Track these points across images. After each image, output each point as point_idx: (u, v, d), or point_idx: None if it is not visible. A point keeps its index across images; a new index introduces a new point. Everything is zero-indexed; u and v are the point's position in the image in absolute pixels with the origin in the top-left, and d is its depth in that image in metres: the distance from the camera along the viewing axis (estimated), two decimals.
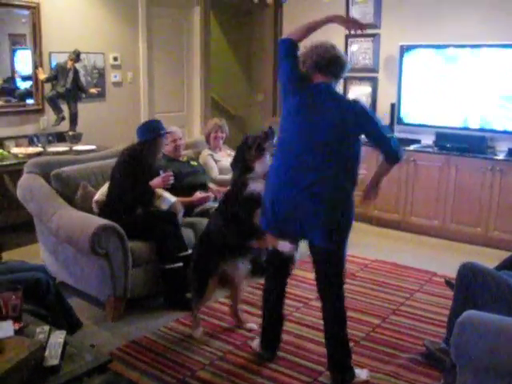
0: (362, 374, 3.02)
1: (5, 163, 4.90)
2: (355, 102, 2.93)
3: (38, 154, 5.05)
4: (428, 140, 5.68)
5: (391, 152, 2.97)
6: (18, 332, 2.21)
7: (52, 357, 2.06)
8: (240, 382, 3.00)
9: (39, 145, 5.43)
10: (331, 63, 2.93)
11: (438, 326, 3.61)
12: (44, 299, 2.80)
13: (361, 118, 2.83)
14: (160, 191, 4.29)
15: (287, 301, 3.92)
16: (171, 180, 4.05)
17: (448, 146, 5.42)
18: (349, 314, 3.75)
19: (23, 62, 5.65)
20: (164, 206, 4.14)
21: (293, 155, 2.83)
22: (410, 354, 3.28)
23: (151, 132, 3.95)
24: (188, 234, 4.07)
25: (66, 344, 2.15)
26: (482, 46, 5.28)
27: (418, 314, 3.83)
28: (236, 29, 8.24)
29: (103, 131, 5.91)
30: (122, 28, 6.27)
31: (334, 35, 6.40)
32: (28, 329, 2.30)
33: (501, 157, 5.17)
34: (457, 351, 2.23)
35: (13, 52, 5.62)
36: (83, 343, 2.32)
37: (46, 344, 2.12)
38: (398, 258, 4.86)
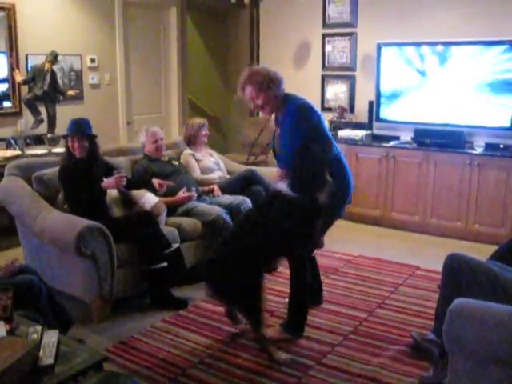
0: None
1: None
2: None
3: (17, 157, 4.98)
4: (407, 136, 5.74)
5: None
6: (9, 332, 2.19)
7: (47, 356, 2.04)
8: (231, 378, 2.99)
9: (17, 148, 5.36)
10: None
11: (424, 317, 3.65)
12: (37, 302, 2.76)
13: None
14: (142, 191, 4.28)
15: (275, 298, 3.97)
16: (124, 181, 3.90)
17: (427, 141, 5.49)
18: (336, 308, 3.83)
19: None
20: (147, 206, 4.13)
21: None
22: (398, 345, 3.31)
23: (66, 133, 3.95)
24: (172, 231, 4.08)
25: (59, 343, 2.13)
26: (457, 44, 5.37)
27: (404, 306, 3.87)
28: (213, 30, 8.24)
29: None
30: (98, 29, 6.22)
31: (312, 34, 6.50)
32: (19, 329, 2.27)
33: (478, 151, 5.26)
34: (448, 339, 2.27)
35: None
36: (77, 342, 2.29)
37: (40, 344, 2.10)
38: (380, 254, 4.91)
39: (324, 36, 6.43)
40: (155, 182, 4.24)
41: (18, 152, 5.22)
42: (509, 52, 5.09)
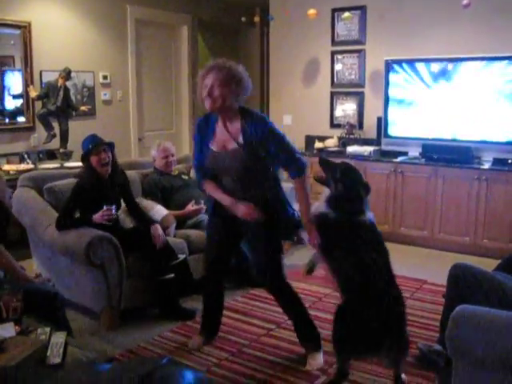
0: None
1: None
2: None
3: (29, 171, 5.06)
4: (415, 152, 5.77)
5: None
6: (19, 333, 2.24)
7: (54, 356, 2.08)
8: None
9: (30, 162, 5.45)
10: None
11: (430, 330, 3.65)
12: (56, 312, 2.82)
13: None
14: (152, 203, 4.34)
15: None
16: (112, 216, 3.76)
17: (435, 157, 5.52)
18: None
19: (12, 82, 5.70)
20: (157, 218, 4.18)
21: None
22: None
23: (83, 148, 3.83)
24: (180, 243, 4.15)
25: (67, 344, 2.17)
26: (465, 60, 5.42)
27: (411, 319, 3.82)
28: (223, 47, 8.35)
29: None
30: (111, 47, 6.35)
31: (321, 52, 6.58)
32: (28, 330, 2.31)
33: (486, 166, 5.27)
34: (451, 345, 2.28)
35: (1, 73, 5.67)
36: (87, 344, 2.34)
37: (48, 344, 2.14)
38: None
39: (333, 53, 6.51)
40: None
41: (30, 166, 5.31)
42: None
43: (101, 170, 3.79)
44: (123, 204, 4.07)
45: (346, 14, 6.21)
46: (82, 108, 5.95)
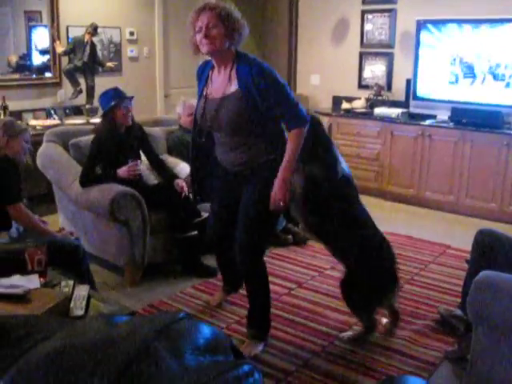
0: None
1: None
2: None
3: (55, 127, 5.10)
4: (444, 115, 5.66)
5: None
6: (43, 285, 2.28)
7: (77, 308, 2.13)
8: None
9: (56, 117, 5.48)
10: None
11: (452, 295, 3.63)
12: (80, 265, 2.88)
13: None
14: (177, 161, 4.34)
15: (303, 270, 4.01)
16: (137, 170, 3.81)
17: (463, 121, 5.40)
18: None
19: (39, 37, 5.69)
20: (181, 175, 4.19)
21: None
22: (424, 320, 3.32)
23: (105, 104, 3.82)
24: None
25: (89, 297, 2.21)
26: (499, 21, 5.24)
27: (432, 283, 3.86)
28: (251, 7, 8.18)
29: None
30: (138, 3, 6.28)
31: (351, 11, 6.43)
32: (52, 283, 2.36)
33: None
34: (472, 310, 2.27)
35: (29, 29, 5.66)
36: (109, 298, 2.38)
37: (71, 296, 2.18)
38: (412, 232, 4.88)
39: (363, 12, 6.36)
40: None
41: (57, 121, 5.34)
42: None
43: (125, 122, 3.82)
44: (146, 161, 4.09)
45: None
46: (109, 64, 5.93)
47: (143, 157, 4.10)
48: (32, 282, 2.22)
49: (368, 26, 6.37)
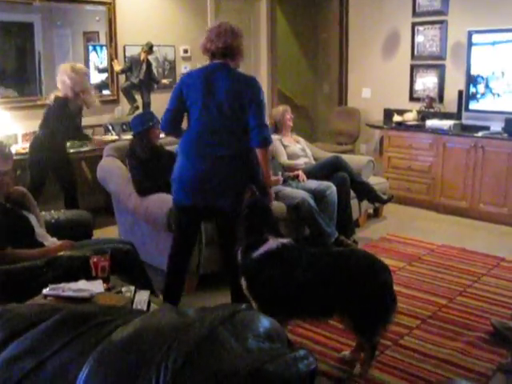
0: None
1: (83, 149, 5.19)
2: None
3: (113, 142, 5.31)
4: (497, 127, 5.59)
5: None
6: (106, 290, 2.41)
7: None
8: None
9: (114, 133, 5.71)
10: None
11: (505, 307, 3.60)
12: (131, 270, 3.00)
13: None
14: None
15: None
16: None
17: None
18: (415, 294, 3.83)
19: (98, 56, 5.95)
20: None
21: None
22: (476, 332, 3.30)
23: (141, 125, 4.02)
24: None
25: (150, 302, 2.33)
26: None
27: (486, 296, 3.83)
28: (302, 20, 8.33)
29: None
30: (191, 21, 6.48)
31: (401, 23, 6.46)
32: (116, 289, 2.49)
33: None
34: None
35: (87, 49, 5.93)
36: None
37: (133, 301, 2.30)
38: (465, 244, 4.83)
39: (413, 25, 6.38)
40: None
41: (114, 137, 5.56)
42: None
43: (156, 141, 4.11)
44: None
45: None
46: (164, 81, 6.14)
47: None
48: (97, 286, 2.36)
49: (419, 38, 6.39)
